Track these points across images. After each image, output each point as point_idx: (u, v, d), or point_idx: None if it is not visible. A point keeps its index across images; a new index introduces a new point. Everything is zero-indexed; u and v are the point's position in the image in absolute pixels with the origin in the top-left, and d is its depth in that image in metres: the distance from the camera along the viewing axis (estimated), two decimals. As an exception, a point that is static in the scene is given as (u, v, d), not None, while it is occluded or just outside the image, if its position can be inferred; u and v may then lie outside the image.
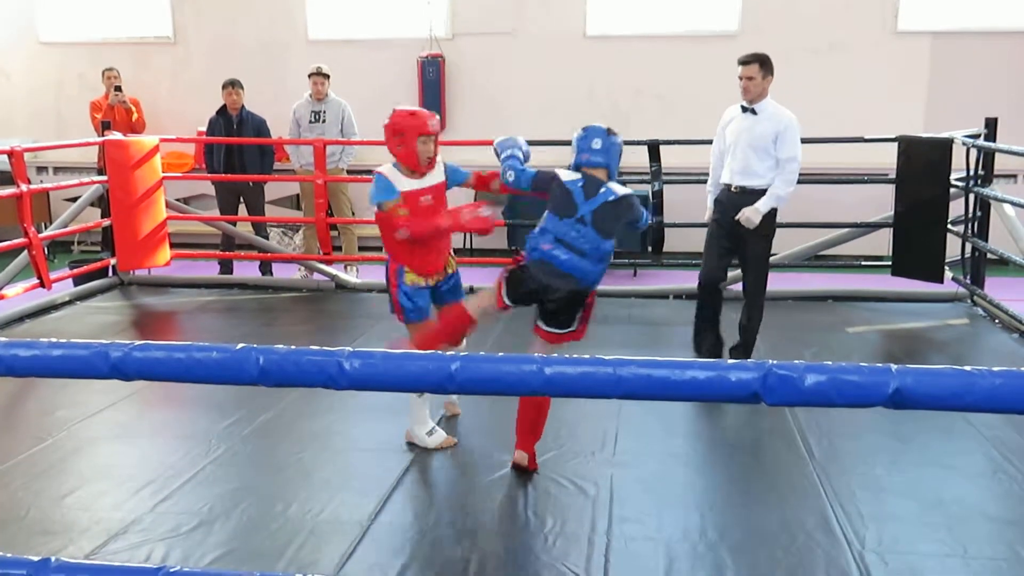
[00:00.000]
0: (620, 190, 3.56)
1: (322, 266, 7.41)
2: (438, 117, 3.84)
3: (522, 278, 3.57)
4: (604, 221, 3.49)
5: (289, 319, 6.53)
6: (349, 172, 8.12)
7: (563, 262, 3.48)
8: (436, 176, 3.88)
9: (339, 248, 7.92)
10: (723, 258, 5.00)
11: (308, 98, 7.74)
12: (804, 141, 6.79)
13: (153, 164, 7.01)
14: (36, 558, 1.63)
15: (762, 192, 4.77)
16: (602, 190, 3.51)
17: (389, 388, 1.51)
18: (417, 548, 3.10)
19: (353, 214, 8.37)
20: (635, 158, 8.21)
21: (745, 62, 4.80)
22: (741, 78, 4.79)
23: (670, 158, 6.96)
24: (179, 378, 1.54)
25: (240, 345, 1.53)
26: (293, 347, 1.57)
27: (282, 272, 7.85)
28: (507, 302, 3.63)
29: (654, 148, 6.76)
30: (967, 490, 3.55)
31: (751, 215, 4.75)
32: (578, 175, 3.54)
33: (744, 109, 4.85)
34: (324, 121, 7.68)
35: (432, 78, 9.17)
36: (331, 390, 1.54)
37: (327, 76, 7.69)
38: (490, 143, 7.32)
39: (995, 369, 1.34)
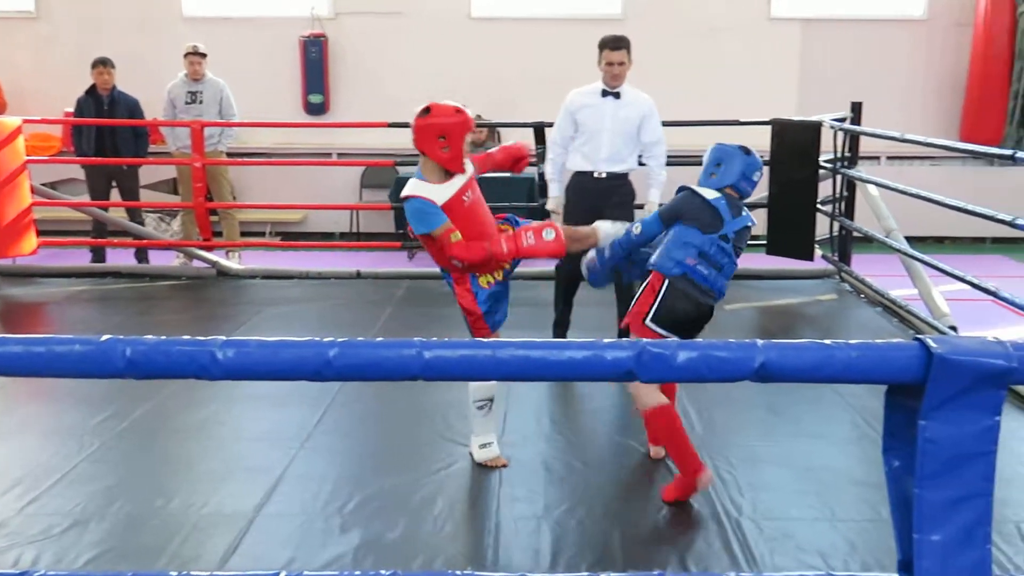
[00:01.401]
0: (752, 216, 3.48)
1: (202, 252, 7.18)
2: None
3: (675, 302, 3.29)
4: (741, 242, 3.39)
5: (167, 308, 6.32)
6: (229, 155, 7.89)
7: (706, 278, 3.31)
8: (467, 168, 3.45)
9: (220, 234, 7.69)
10: None
11: (183, 78, 7.47)
12: (683, 124, 7.03)
13: (16, 147, 6.63)
14: None
15: (625, 176, 4.83)
16: (744, 212, 3.39)
17: (265, 377, 1.47)
18: (305, 538, 3.05)
19: (234, 198, 8.14)
20: (521, 140, 8.28)
21: (618, 46, 4.69)
22: (611, 63, 4.68)
23: (555, 141, 7.01)
24: (39, 373, 1.46)
25: (105, 337, 1.47)
26: (164, 337, 1.52)
27: (159, 259, 7.56)
28: (662, 333, 3.30)
29: (539, 131, 6.80)
30: (835, 457, 3.75)
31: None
32: (717, 193, 3.34)
33: (605, 94, 4.77)
34: (201, 102, 7.43)
35: (315, 58, 8.98)
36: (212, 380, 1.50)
37: (204, 55, 7.43)
38: (376, 124, 7.31)
39: (852, 342, 1.41)
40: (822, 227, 6.75)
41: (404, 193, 3.38)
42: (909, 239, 6.08)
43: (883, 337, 4.91)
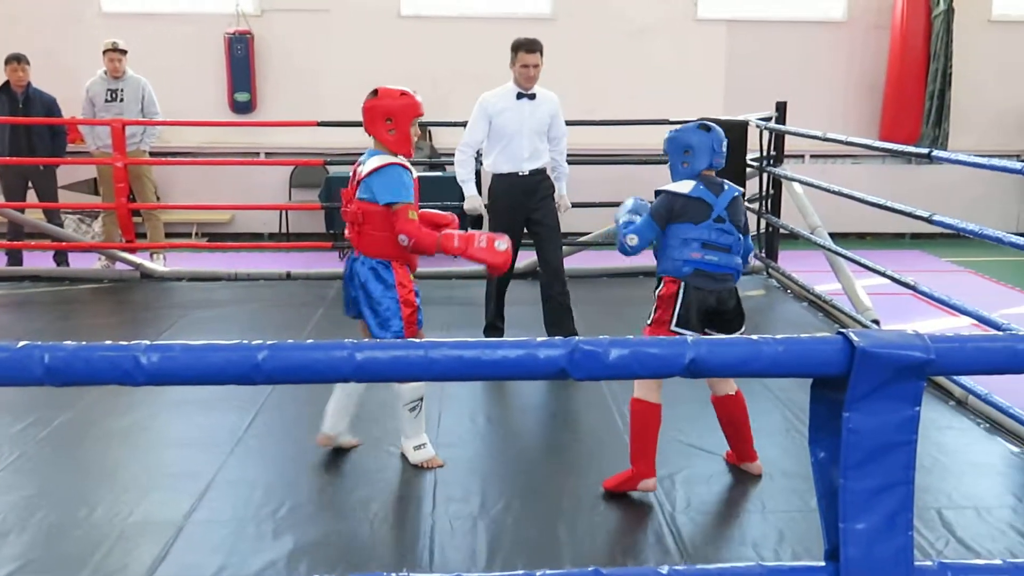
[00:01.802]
0: (735, 185, 3.42)
1: (125, 254, 6.99)
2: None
3: (693, 299, 3.27)
4: (738, 215, 3.35)
5: (88, 312, 6.13)
6: (152, 154, 7.69)
7: (718, 264, 3.29)
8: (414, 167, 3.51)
9: (144, 235, 7.49)
10: (519, 241, 5.03)
11: (103, 75, 7.25)
12: (613, 123, 7.10)
13: (-76, 146, 6.35)
14: None
15: (544, 170, 5.03)
16: (725, 187, 3.35)
17: (191, 382, 1.44)
18: (236, 543, 2.99)
19: (158, 198, 7.95)
20: (454, 139, 8.26)
21: (532, 49, 4.82)
22: (527, 65, 4.81)
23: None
24: (-50, 382, 1.40)
25: (22, 343, 1.41)
26: (85, 342, 1.47)
27: (80, 262, 7.34)
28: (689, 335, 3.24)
29: (471, 129, 6.78)
30: (765, 449, 3.81)
31: (568, 203, 5.21)
32: (691, 182, 3.31)
33: (520, 96, 4.89)
34: (122, 100, 7.22)
35: (241, 55, 8.81)
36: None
37: (124, 52, 7.23)
38: (304, 123, 7.20)
39: (778, 337, 1.44)
40: (750, 224, 6.87)
41: (382, 161, 3.36)
42: (833, 235, 6.24)
43: (809, 331, 5.03)
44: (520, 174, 4.93)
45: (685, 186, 3.32)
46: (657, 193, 3.42)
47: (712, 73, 9.16)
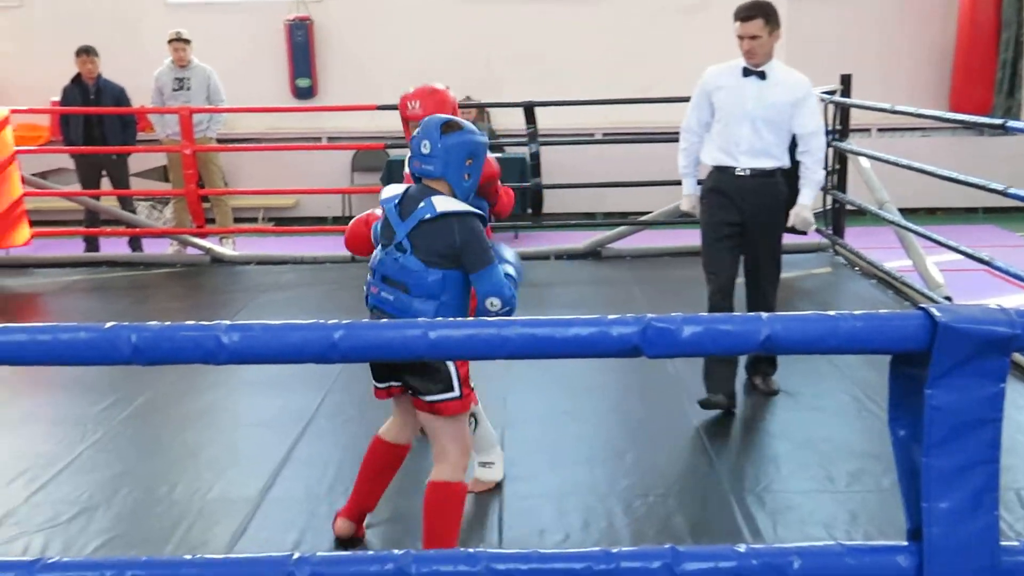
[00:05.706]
0: (446, 206, 2.51)
1: (196, 239, 7.16)
2: None
3: None
4: (424, 244, 2.51)
5: (163, 296, 6.30)
6: (219, 141, 7.85)
7: (392, 304, 2.60)
8: None
9: (213, 220, 7.66)
10: (736, 258, 3.97)
11: (170, 65, 7.42)
12: (677, 100, 6.99)
13: (3, 137, 6.58)
14: (-102, 561, 1.54)
15: (772, 173, 3.89)
16: (421, 205, 2.51)
17: (270, 360, 1.48)
18: (310, 520, 3.07)
19: (225, 184, 8.11)
20: (511, 120, 8.25)
21: (745, 18, 3.76)
22: (742, 37, 3.77)
23: (545, 120, 6.99)
24: (45, 361, 1.46)
25: (110, 324, 1.47)
26: (168, 323, 1.52)
27: (153, 247, 7.54)
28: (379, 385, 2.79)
29: (529, 110, 6.77)
30: (834, 429, 3.76)
31: (808, 216, 3.99)
32: (400, 188, 2.63)
33: (747, 72, 3.83)
34: (189, 88, 7.38)
35: (301, 41, 8.92)
36: (212, 366, 1.50)
37: (188, 41, 7.38)
38: (364, 107, 7.27)
39: (856, 313, 1.42)
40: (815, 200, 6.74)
41: None
42: (901, 211, 6.08)
43: (879, 308, 4.92)
44: (738, 171, 3.85)
45: (390, 191, 2.66)
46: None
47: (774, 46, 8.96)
